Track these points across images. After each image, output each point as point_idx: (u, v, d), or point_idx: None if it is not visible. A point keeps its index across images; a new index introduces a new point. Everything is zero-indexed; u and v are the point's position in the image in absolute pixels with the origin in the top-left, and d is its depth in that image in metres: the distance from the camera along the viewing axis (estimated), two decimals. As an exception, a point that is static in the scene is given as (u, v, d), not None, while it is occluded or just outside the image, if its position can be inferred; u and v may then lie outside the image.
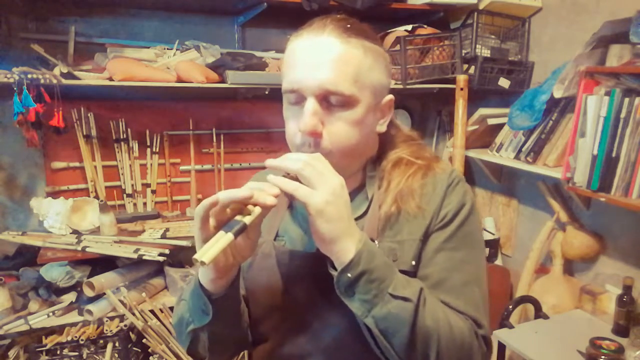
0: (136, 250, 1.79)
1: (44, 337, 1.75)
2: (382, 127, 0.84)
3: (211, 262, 0.60)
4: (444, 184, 0.82)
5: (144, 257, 1.78)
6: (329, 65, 0.73)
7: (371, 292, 0.70)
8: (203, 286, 0.76)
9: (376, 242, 0.78)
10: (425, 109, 2.73)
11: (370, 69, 0.77)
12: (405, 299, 0.70)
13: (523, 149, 2.04)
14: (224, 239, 0.63)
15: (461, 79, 2.16)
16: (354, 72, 0.74)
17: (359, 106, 0.76)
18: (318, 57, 0.74)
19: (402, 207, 0.80)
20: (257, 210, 0.67)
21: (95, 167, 2.05)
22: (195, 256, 0.60)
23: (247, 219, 0.66)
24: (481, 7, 2.20)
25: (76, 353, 1.77)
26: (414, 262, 0.80)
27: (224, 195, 0.67)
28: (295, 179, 0.70)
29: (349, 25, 0.76)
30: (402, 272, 0.75)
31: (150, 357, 1.88)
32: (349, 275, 0.69)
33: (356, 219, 0.79)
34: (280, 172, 0.71)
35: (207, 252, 0.61)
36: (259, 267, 0.87)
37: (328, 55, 0.74)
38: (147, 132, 2.12)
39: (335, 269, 0.71)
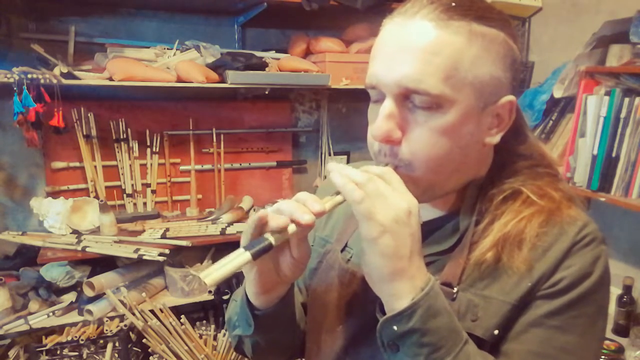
0: (136, 250, 1.79)
1: (44, 337, 1.75)
2: (493, 139, 0.64)
3: (214, 284, 0.52)
4: (568, 238, 0.61)
5: (144, 257, 1.78)
6: (413, 56, 0.58)
7: (418, 359, 0.55)
8: (249, 298, 0.68)
9: (455, 289, 0.62)
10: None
11: (475, 60, 0.59)
12: None
13: (523, 149, 2.04)
14: (239, 258, 0.54)
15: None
16: (447, 66, 0.57)
17: (452, 110, 0.59)
18: (402, 46, 0.59)
19: (502, 257, 0.61)
20: (292, 228, 0.56)
21: (95, 167, 2.05)
22: (201, 274, 0.52)
23: (275, 238, 0.56)
24: (481, 7, 2.20)
25: (76, 353, 1.78)
26: (496, 332, 0.61)
27: (259, 214, 0.58)
28: None
29: (454, 4, 0.59)
30: (477, 339, 0.60)
31: (150, 357, 1.88)
32: (395, 328, 0.55)
33: (437, 254, 0.66)
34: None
35: (214, 272, 0.52)
36: (320, 277, 0.77)
37: (415, 43, 0.58)
38: (147, 132, 2.11)
39: (384, 313, 0.57)
